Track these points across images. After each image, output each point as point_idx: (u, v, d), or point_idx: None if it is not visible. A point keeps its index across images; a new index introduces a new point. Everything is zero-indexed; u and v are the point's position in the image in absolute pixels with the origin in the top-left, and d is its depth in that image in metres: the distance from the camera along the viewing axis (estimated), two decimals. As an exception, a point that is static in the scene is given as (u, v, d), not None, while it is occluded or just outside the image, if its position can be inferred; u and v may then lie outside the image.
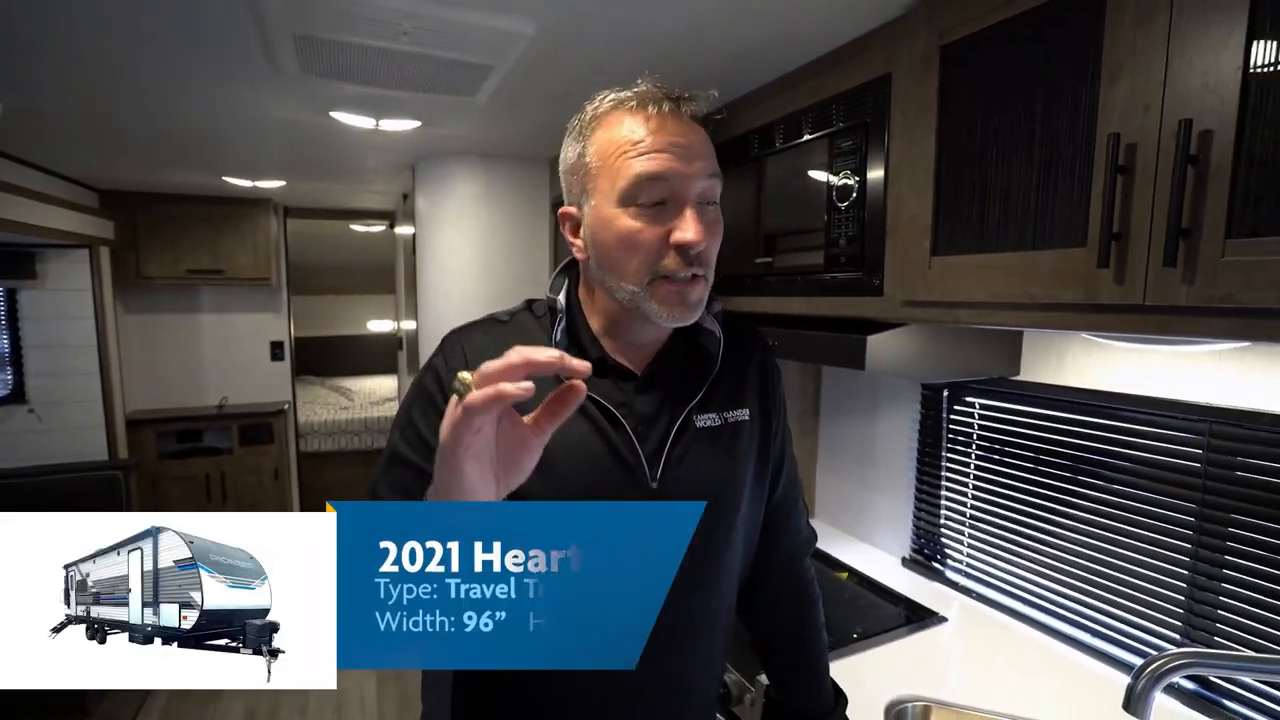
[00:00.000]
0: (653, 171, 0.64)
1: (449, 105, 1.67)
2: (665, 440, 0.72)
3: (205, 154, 2.35)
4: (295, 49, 1.27)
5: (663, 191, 0.65)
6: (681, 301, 0.67)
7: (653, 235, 0.65)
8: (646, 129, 0.66)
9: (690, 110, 0.69)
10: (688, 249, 0.65)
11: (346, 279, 6.25)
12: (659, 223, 0.65)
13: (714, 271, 0.70)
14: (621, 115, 0.67)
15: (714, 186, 0.68)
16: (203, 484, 3.45)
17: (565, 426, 0.67)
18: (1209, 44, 0.69)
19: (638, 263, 0.66)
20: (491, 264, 2.51)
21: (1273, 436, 0.98)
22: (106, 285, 3.11)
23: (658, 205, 0.65)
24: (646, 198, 0.65)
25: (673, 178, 0.65)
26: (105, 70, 1.43)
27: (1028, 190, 0.90)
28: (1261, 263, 0.66)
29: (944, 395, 1.51)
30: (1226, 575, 1.04)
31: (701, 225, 0.65)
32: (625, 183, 0.65)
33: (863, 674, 1.14)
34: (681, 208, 0.65)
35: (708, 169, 0.67)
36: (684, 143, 0.66)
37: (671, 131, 0.66)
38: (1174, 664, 0.66)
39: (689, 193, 0.66)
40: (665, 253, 0.66)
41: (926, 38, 1.04)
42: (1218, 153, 0.69)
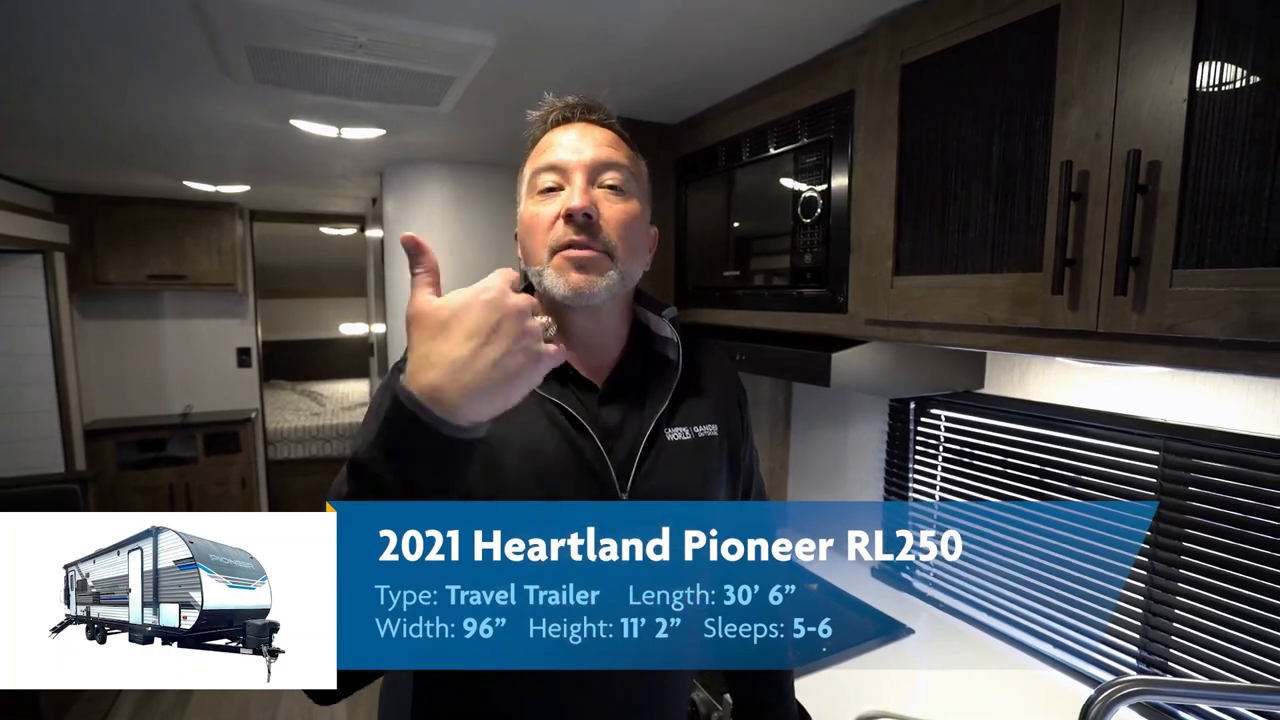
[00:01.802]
0: (546, 161, 0.71)
1: (413, 114, 1.64)
2: (635, 452, 0.72)
3: (164, 159, 2.28)
4: (249, 60, 1.23)
5: (555, 177, 0.70)
6: (573, 268, 0.68)
7: (547, 213, 0.70)
8: (549, 132, 0.74)
9: (592, 118, 0.75)
10: (573, 214, 0.68)
11: (318, 281, 6.13)
12: (552, 204, 0.70)
13: (632, 258, 0.72)
14: (537, 131, 0.75)
15: (614, 173, 0.71)
16: (166, 495, 3.36)
17: (534, 435, 0.70)
18: (1156, 77, 0.70)
19: (537, 240, 0.70)
20: (462, 269, 2.47)
21: (1224, 453, 1.00)
22: (62, 291, 3.00)
23: (551, 190, 0.70)
24: (542, 184, 0.71)
25: (561, 162, 0.70)
26: (55, 74, 1.37)
27: (986, 212, 0.90)
28: (1206, 294, 0.67)
29: (911, 408, 1.53)
30: (1181, 589, 1.06)
31: (589, 196, 0.69)
32: (529, 178, 0.72)
33: (831, 687, 1.15)
34: (571, 185, 0.70)
35: (600, 155, 0.71)
36: (577, 138, 0.72)
37: (568, 131, 0.73)
38: (1126, 690, 0.67)
39: (577, 172, 0.70)
40: (558, 228, 0.69)
41: (888, 56, 1.04)
42: (1165, 183, 0.69)
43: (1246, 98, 0.64)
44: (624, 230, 0.70)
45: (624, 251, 0.70)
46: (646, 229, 0.76)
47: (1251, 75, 0.64)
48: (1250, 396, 0.97)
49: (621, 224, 0.70)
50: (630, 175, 0.72)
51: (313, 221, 3.93)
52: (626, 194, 0.72)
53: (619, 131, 0.76)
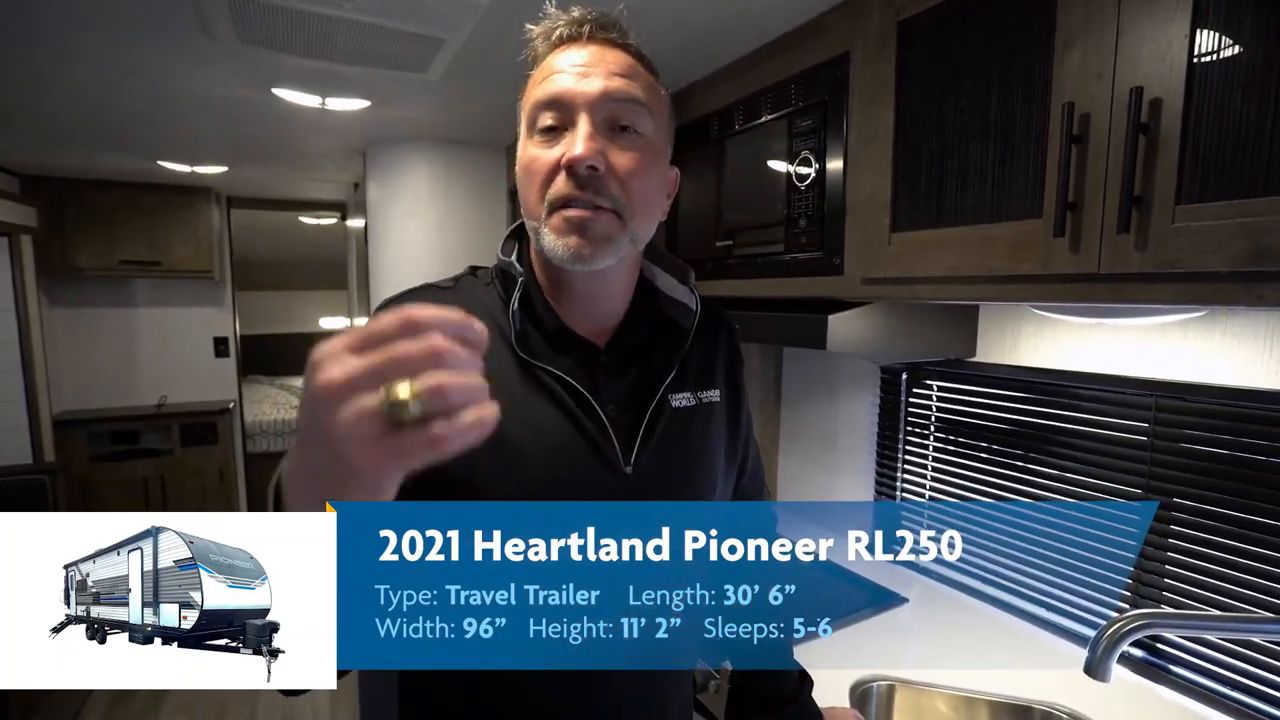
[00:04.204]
0: (547, 94, 0.61)
1: (399, 82, 1.61)
2: (640, 422, 0.67)
3: (138, 134, 2.21)
4: (231, 14, 1.19)
5: (559, 115, 0.61)
6: (571, 230, 0.60)
7: (547, 160, 0.60)
8: (551, 54, 0.63)
9: (605, 36, 0.63)
10: (574, 167, 0.59)
11: (297, 274, 6.02)
12: (554, 147, 0.61)
13: (644, 214, 0.64)
14: (539, 48, 0.65)
15: (628, 110, 0.61)
16: (141, 487, 3.27)
17: (531, 410, 0.65)
18: (1157, 14, 0.70)
19: (534, 191, 0.61)
20: (448, 256, 2.43)
21: (1215, 408, 1.01)
22: (29, 276, 2.90)
23: (553, 130, 0.61)
24: (543, 122, 0.61)
25: (565, 97, 0.60)
26: (21, 39, 1.32)
27: (984, 164, 0.90)
28: (1208, 227, 0.67)
29: (903, 379, 1.53)
30: (1171, 545, 1.07)
31: (595, 144, 0.59)
32: (528, 112, 0.62)
33: (827, 656, 1.14)
34: (575, 127, 0.60)
35: (612, 87, 0.60)
36: (584, 63, 0.61)
37: (574, 53, 0.62)
38: (1133, 625, 0.67)
39: (583, 111, 0.60)
40: (557, 177, 0.60)
41: (883, 14, 1.04)
42: (1167, 120, 0.69)
43: (1249, 31, 0.65)
44: (637, 182, 0.62)
45: (636, 207, 0.62)
46: (664, 175, 0.67)
47: (1255, 7, 0.64)
48: (1242, 350, 0.98)
49: (634, 174, 0.61)
50: (647, 112, 0.63)
51: (291, 208, 3.86)
52: (642, 135, 0.62)
53: (637, 53, 0.65)
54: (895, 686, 1.08)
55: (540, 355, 0.66)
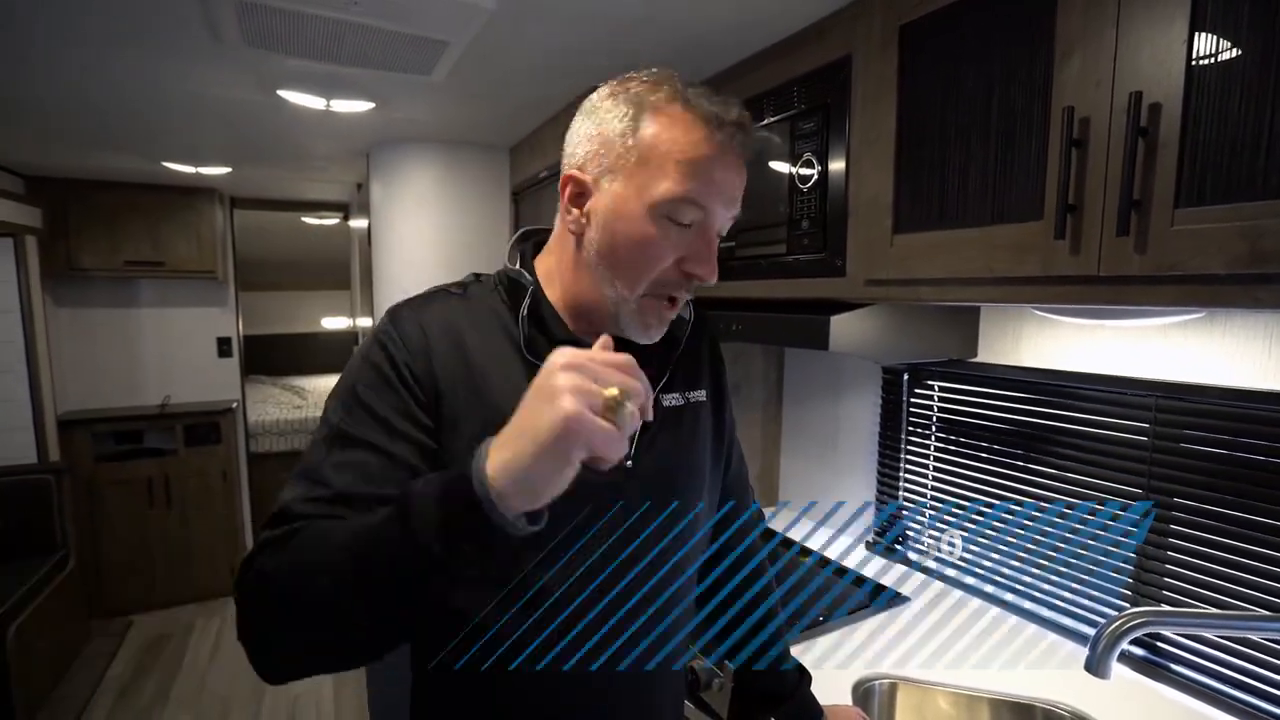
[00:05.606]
0: (701, 201, 0.63)
1: (404, 85, 1.61)
2: None
3: (144, 136, 2.22)
4: (238, 16, 1.20)
5: (697, 217, 0.64)
6: (660, 321, 0.68)
7: (672, 254, 0.64)
8: (710, 150, 0.63)
9: (746, 149, 0.67)
10: (700, 280, 0.66)
11: (300, 275, 6.03)
12: (680, 243, 0.64)
13: None
14: (686, 116, 0.63)
15: None
16: (144, 487, 3.27)
17: None
18: (1156, 21, 0.71)
19: (644, 273, 0.64)
20: (450, 256, 2.44)
21: (1214, 408, 1.02)
22: (34, 277, 2.91)
23: (686, 227, 0.64)
24: (681, 218, 0.63)
25: (713, 215, 0.65)
26: (27, 41, 1.33)
27: (985, 166, 0.91)
28: (1207, 230, 0.68)
29: (904, 379, 1.54)
30: (1171, 544, 1.08)
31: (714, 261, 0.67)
32: (668, 193, 0.62)
33: (830, 655, 1.15)
34: (706, 238, 0.65)
35: (739, 212, 0.68)
36: (735, 185, 0.66)
37: (730, 167, 0.65)
38: (1133, 623, 0.67)
39: (716, 233, 0.66)
40: (672, 273, 0.65)
41: (885, 18, 1.04)
42: (1166, 124, 0.70)
43: (1246, 36, 0.65)
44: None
45: None
46: None
47: (1251, 13, 0.65)
48: (1241, 351, 0.99)
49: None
50: None
51: (294, 209, 3.87)
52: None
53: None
54: (898, 685, 1.08)
55: (540, 354, 0.67)
